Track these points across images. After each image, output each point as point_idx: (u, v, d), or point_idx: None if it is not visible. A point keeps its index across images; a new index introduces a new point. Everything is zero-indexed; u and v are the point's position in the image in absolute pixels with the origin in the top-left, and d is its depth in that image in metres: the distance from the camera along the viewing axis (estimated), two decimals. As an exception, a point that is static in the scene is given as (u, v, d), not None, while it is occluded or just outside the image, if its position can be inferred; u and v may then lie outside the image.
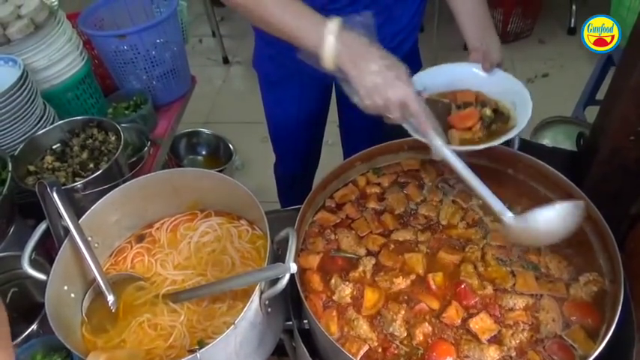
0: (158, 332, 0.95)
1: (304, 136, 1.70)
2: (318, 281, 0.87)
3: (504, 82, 1.06)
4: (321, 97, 1.57)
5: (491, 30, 1.16)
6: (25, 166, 1.22)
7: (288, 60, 1.40)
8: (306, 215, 0.97)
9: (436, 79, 1.10)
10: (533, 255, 0.89)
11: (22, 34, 1.30)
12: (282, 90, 1.54)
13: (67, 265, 0.96)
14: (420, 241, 0.93)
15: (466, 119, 0.99)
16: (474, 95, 1.06)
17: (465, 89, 1.08)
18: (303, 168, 1.85)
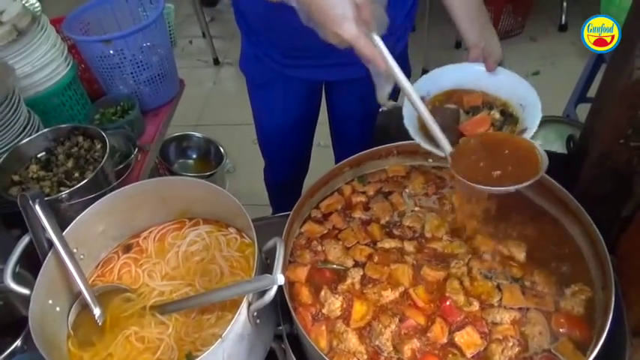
0: (146, 345, 0.93)
1: (292, 141, 1.68)
2: (307, 294, 0.86)
3: (509, 81, 1.03)
4: (309, 100, 1.55)
5: (488, 25, 1.13)
6: (9, 176, 1.20)
7: (272, 62, 1.40)
8: (293, 225, 0.95)
9: (439, 82, 1.08)
10: (517, 269, 0.88)
11: (4, 40, 1.28)
12: (268, 93, 1.52)
13: (52, 279, 0.94)
14: (406, 251, 0.92)
15: (478, 126, 0.95)
16: (481, 97, 1.02)
17: (469, 89, 1.04)
18: (293, 173, 1.84)
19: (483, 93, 1.03)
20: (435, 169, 1.07)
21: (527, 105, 0.98)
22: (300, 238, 0.97)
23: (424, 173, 1.06)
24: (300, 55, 1.32)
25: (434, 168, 1.07)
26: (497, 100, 1.02)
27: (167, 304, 0.97)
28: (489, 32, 1.10)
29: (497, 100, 1.02)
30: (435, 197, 1.03)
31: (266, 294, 0.80)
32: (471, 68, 1.07)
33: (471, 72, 1.06)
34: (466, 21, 1.12)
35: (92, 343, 0.94)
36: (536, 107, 0.95)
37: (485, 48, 1.06)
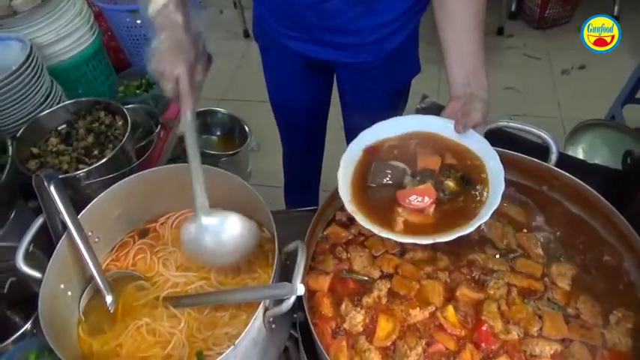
0: (156, 339, 0.90)
1: (301, 120, 1.62)
2: (328, 306, 0.80)
3: (477, 147, 0.88)
4: (311, 79, 1.47)
5: (481, 76, 0.93)
6: (28, 149, 1.17)
7: (269, 26, 1.33)
8: (317, 228, 0.89)
9: (398, 129, 0.93)
10: (562, 297, 0.80)
11: (28, 6, 1.23)
12: (269, 58, 1.47)
13: (64, 263, 0.91)
14: (439, 267, 0.85)
15: (417, 199, 0.81)
16: (439, 160, 0.87)
17: (432, 135, 0.90)
18: (304, 160, 1.82)
19: (448, 146, 0.89)
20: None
21: (492, 182, 0.83)
22: (323, 242, 0.91)
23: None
24: (291, 25, 1.26)
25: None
26: (465, 158, 0.87)
27: (181, 298, 0.94)
28: (478, 85, 0.92)
29: (465, 158, 0.87)
30: None
31: (284, 302, 0.75)
32: (442, 123, 0.91)
33: (440, 125, 0.91)
34: (456, 64, 0.94)
35: (103, 330, 0.92)
36: (499, 182, 0.80)
37: (465, 103, 0.89)
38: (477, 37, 0.95)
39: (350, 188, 0.85)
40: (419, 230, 0.79)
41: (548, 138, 0.93)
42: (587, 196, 0.87)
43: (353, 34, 1.19)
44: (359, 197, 0.84)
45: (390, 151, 0.90)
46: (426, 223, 0.80)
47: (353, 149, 0.91)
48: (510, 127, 0.96)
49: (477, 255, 0.87)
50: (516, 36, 3.21)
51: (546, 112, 2.70)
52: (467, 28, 0.95)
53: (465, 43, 0.95)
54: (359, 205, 0.82)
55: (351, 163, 0.89)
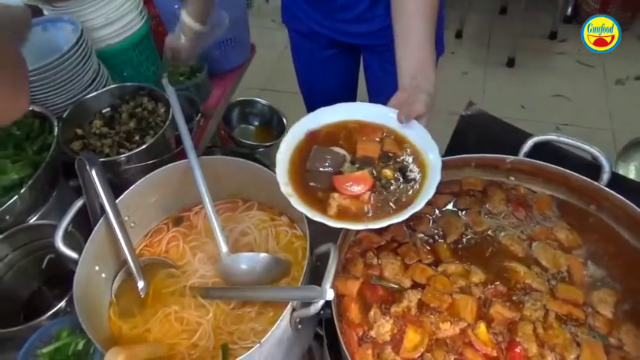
0: (184, 327, 0.91)
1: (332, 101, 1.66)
2: (356, 312, 0.79)
3: (417, 135, 0.86)
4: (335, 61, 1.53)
5: (428, 69, 0.92)
6: (73, 129, 1.20)
7: (296, 8, 1.39)
8: (348, 233, 0.87)
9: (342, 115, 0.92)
10: (604, 324, 0.76)
11: (81, -11, 1.25)
12: (297, 42, 1.55)
13: (100, 246, 0.93)
14: (473, 282, 0.82)
15: (353, 185, 0.80)
16: (378, 148, 0.85)
17: (374, 124, 0.89)
18: None
19: (388, 136, 0.87)
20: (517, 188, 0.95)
21: (430, 169, 0.81)
22: (355, 245, 0.89)
23: (504, 191, 0.94)
24: (317, 11, 1.35)
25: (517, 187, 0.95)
26: (404, 148, 0.86)
27: (210, 289, 0.94)
28: (424, 78, 0.90)
29: (404, 148, 0.86)
30: (529, 220, 0.91)
31: (312, 305, 0.75)
32: (385, 111, 0.89)
33: (382, 114, 0.89)
34: (402, 55, 0.94)
35: (133, 314, 0.94)
36: (436, 174, 0.78)
37: (410, 95, 0.87)
38: (426, 29, 0.94)
39: (288, 171, 0.85)
40: (353, 217, 0.78)
41: (601, 156, 0.88)
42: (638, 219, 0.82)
43: (369, 22, 1.28)
44: (296, 180, 0.84)
45: (331, 136, 0.90)
46: (360, 209, 0.79)
47: (295, 132, 0.90)
48: (560, 142, 0.91)
49: (520, 266, 0.84)
50: (570, 41, 3.07)
51: (596, 123, 2.58)
52: (416, 20, 0.94)
53: (413, 35, 0.94)
54: (296, 188, 0.82)
55: (291, 145, 0.89)
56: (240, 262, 0.92)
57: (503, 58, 2.94)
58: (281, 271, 0.92)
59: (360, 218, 0.78)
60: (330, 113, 0.92)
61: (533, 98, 2.74)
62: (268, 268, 0.90)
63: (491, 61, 2.98)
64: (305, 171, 0.85)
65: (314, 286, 0.74)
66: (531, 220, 0.90)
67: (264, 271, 0.91)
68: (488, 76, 2.90)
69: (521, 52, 2.92)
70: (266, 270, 0.91)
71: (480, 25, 3.15)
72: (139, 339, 0.91)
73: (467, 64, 2.91)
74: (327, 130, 0.91)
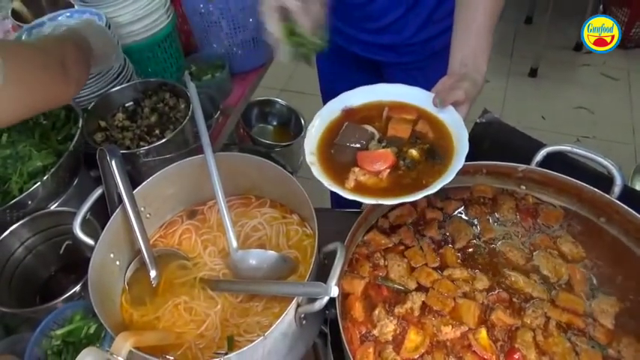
0: (192, 317, 0.94)
1: None
2: (360, 310, 0.80)
3: (450, 119, 0.86)
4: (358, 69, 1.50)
5: (480, 59, 0.92)
6: (97, 121, 1.24)
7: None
8: (358, 232, 0.89)
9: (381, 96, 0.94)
10: (604, 335, 0.76)
11: (111, -14, 1.29)
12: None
13: (116, 234, 0.96)
14: (477, 288, 0.82)
15: (374, 162, 0.81)
16: (409, 129, 0.86)
17: (410, 105, 0.89)
18: None
19: (423, 116, 0.88)
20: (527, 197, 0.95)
21: (456, 155, 0.81)
22: (363, 246, 0.90)
23: (515, 199, 0.95)
24: (341, 22, 1.32)
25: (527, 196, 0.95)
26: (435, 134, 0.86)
27: (219, 282, 0.97)
28: (474, 67, 0.90)
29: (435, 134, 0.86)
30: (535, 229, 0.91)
31: (316, 301, 0.76)
32: (424, 95, 0.90)
33: (421, 98, 0.90)
34: (457, 41, 0.94)
35: (144, 302, 0.96)
36: (460, 161, 0.79)
37: (455, 81, 0.88)
38: (486, 21, 0.94)
39: (317, 142, 0.87)
40: (369, 192, 0.79)
41: (613, 168, 0.88)
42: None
43: (398, 34, 1.25)
44: (323, 152, 0.86)
45: (366, 115, 0.91)
46: (377, 186, 0.80)
47: (331, 107, 0.92)
48: (573, 153, 0.91)
49: (519, 276, 0.84)
50: (595, 53, 3.03)
51: (619, 137, 2.54)
52: (479, 12, 0.94)
53: (473, 22, 0.94)
54: (320, 159, 0.84)
55: (326, 119, 0.91)
56: (249, 258, 0.94)
57: (526, 68, 2.92)
58: (288, 269, 0.93)
59: (374, 194, 0.79)
60: (368, 92, 0.94)
61: (555, 109, 2.71)
62: (276, 266, 0.92)
63: (514, 70, 2.96)
64: (333, 145, 0.87)
65: (319, 283, 0.76)
66: (537, 229, 0.90)
67: (271, 268, 0.92)
68: (510, 85, 2.88)
69: (545, 63, 2.89)
70: (274, 267, 0.92)
71: (504, 33, 3.13)
72: (149, 326, 0.93)
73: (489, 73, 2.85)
74: (363, 108, 0.93)
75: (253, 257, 0.95)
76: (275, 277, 0.94)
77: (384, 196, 0.78)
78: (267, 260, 0.93)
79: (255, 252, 0.95)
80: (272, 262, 0.93)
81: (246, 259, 0.95)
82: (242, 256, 0.95)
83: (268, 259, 0.93)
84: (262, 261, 0.93)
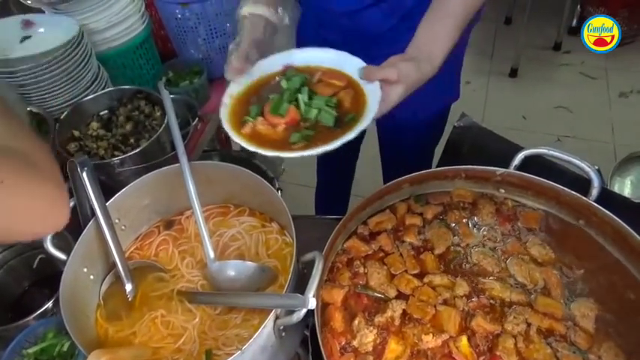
0: (169, 331, 0.91)
1: None
2: (339, 320, 0.79)
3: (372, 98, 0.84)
4: None
5: (436, 48, 0.88)
6: (70, 131, 1.21)
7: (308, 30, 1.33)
8: (337, 240, 0.87)
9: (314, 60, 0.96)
10: (584, 340, 0.76)
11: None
12: None
13: (89, 247, 0.93)
14: (457, 294, 0.82)
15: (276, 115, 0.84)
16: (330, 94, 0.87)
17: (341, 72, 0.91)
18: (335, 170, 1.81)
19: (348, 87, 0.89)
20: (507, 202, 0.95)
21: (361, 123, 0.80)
22: (342, 254, 0.89)
23: (494, 204, 0.94)
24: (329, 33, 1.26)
25: (506, 200, 0.95)
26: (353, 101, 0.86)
27: (196, 294, 0.95)
28: (426, 53, 0.87)
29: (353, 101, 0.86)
30: (510, 234, 0.91)
31: (294, 313, 0.75)
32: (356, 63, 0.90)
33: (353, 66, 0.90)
34: (422, 25, 0.91)
35: (120, 317, 0.94)
36: (360, 127, 0.79)
37: (399, 60, 0.85)
38: (458, 14, 0.90)
39: (243, 88, 0.93)
40: (261, 141, 0.82)
41: (590, 170, 0.88)
42: (627, 237, 0.81)
43: (387, 46, 1.15)
44: (242, 99, 0.91)
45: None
46: (271, 137, 0.83)
47: (275, 60, 0.96)
48: (550, 156, 0.91)
49: (495, 283, 0.83)
50: (574, 52, 3.07)
51: (598, 136, 2.56)
52: (453, 2, 0.91)
53: (443, 10, 0.91)
54: (235, 103, 0.90)
55: (266, 70, 0.95)
56: (226, 269, 0.92)
57: (507, 68, 2.94)
58: (267, 279, 0.92)
59: (265, 145, 0.81)
60: (312, 55, 0.96)
61: (535, 109, 2.73)
62: (255, 276, 0.91)
63: (495, 70, 2.98)
64: (255, 94, 0.90)
65: (296, 295, 0.74)
66: (514, 234, 0.90)
67: (250, 278, 0.91)
68: (491, 85, 2.89)
69: (525, 63, 2.91)
70: (252, 278, 0.91)
71: (484, 34, 3.15)
72: (125, 342, 0.91)
73: (470, 74, 2.90)
74: (303, 69, 0.94)
75: (231, 268, 0.93)
76: (254, 287, 0.92)
77: (273, 147, 0.79)
78: (245, 271, 0.91)
79: (233, 263, 0.93)
80: (251, 273, 0.91)
81: (224, 270, 0.93)
82: (220, 267, 0.93)
83: (247, 269, 0.92)
84: (240, 272, 0.91)
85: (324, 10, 1.18)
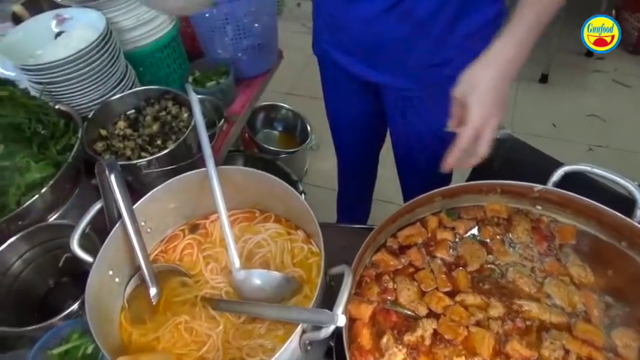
0: (193, 338, 0.90)
1: (356, 133, 1.59)
2: (367, 337, 0.76)
3: None
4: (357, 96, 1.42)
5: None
6: (97, 130, 1.21)
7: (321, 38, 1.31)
8: (365, 253, 0.85)
9: None
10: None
11: (114, -10, 1.26)
12: (323, 71, 1.49)
13: (116, 250, 0.93)
14: (492, 316, 0.78)
15: None
16: None
17: None
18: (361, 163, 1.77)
19: None
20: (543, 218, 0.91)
21: None
22: (370, 268, 0.86)
23: (530, 220, 0.91)
24: (341, 40, 1.24)
25: (542, 217, 0.91)
26: None
27: (220, 301, 0.93)
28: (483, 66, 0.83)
29: None
30: (547, 254, 0.87)
31: (322, 329, 0.72)
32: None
33: None
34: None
35: (144, 320, 0.93)
36: None
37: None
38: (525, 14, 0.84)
39: None
40: None
41: (635, 190, 0.83)
42: (674, 262, 0.77)
43: (399, 54, 1.15)
44: None
45: None
46: None
47: None
48: (593, 174, 0.87)
49: (532, 304, 0.80)
50: (607, 59, 2.97)
51: (632, 146, 2.47)
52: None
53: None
54: None
55: None
56: (252, 278, 0.91)
57: (537, 73, 2.87)
58: (292, 289, 0.90)
59: None
60: None
61: (566, 117, 2.66)
62: (280, 287, 0.89)
63: (524, 75, 2.90)
64: None
65: (325, 311, 0.72)
66: (551, 254, 0.86)
67: (275, 289, 0.89)
68: (520, 91, 2.82)
69: (556, 69, 2.83)
70: (278, 288, 0.89)
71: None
72: (148, 347, 0.90)
73: (498, 78, 2.83)
74: None
75: (257, 277, 0.91)
76: (279, 297, 0.91)
77: None
78: (271, 281, 0.90)
79: (259, 272, 0.92)
80: (276, 283, 0.89)
81: (250, 279, 0.91)
82: (245, 275, 0.91)
83: (272, 279, 0.90)
84: (266, 282, 0.90)
85: (338, 15, 1.16)
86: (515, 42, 0.83)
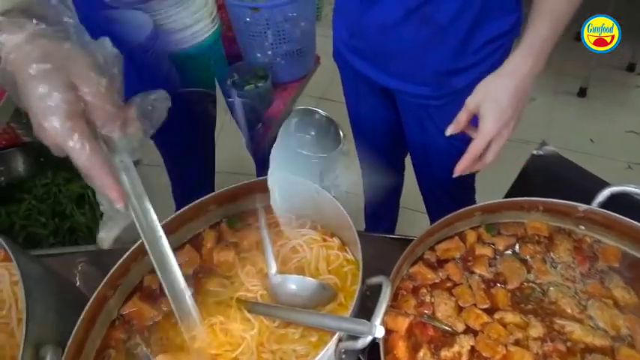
0: (227, 339, 0.91)
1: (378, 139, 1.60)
2: (403, 350, 0.76)
3: None
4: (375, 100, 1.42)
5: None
6: (140, 130, 1.23)
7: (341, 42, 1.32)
8: (403, 265, 0.85)
9: None
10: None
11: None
12: (343, 76, 1.47)
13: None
14: (531, 335, 0.77)
15: None
16: None
17: None
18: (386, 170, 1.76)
19: None
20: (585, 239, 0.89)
21: None
22: (407, 280, 0.86)
23: (572, 240, 0.89)
24: (359, 45, 1.24)
25: (585, 237, 0.89)
26: None
27: (255, 304, 0.94)
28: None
29: None
30: (589, 275, 0.85)
31: (359, 340, 0.73)
32: None
33: None
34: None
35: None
36: None
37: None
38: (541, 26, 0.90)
39: None
40: None
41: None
42: None
43: (416, 60, 1.15)
44: None
45: None
46: None
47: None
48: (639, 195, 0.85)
49: (575, 324, 0.78)
50: (649, 75, 2.89)
51: (672, 166, 2.41)
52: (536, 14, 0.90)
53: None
54: None
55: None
56: (287, 283, 0.92)
57: (575, 87, 2.81)
58: (327, 297, 0.90)
59: None
60: None
61: (604, 133, 2.59)
62: (314, 294, 0.90)
63: (562, 89, 2.85)
64: None
65: (363, 321, 0.72)
66: (594, 275, 0.85)
67: (310, 295, 0.90)
68: (558, 104, 2.77)
69: (595, 83, 2.77)
70: (312, 295, 0.90)
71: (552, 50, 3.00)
72: (184, 345, 0.92)
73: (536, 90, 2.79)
74: None
75: (293, 283, 0.92)
76: (314, 304, 0.91)
77: None
78: (306, 288, 0.90)
79: (295, 278, 0.92)
80: (312, 291, 0.90)
81: (286, 284, 0.92)
82: (281, 280, 0.92)
83: (308, 286, 0.91)
84: (302, 288, 0.90)
85: (357, 21, 1.17)
86: (533, 54, 0.85)
